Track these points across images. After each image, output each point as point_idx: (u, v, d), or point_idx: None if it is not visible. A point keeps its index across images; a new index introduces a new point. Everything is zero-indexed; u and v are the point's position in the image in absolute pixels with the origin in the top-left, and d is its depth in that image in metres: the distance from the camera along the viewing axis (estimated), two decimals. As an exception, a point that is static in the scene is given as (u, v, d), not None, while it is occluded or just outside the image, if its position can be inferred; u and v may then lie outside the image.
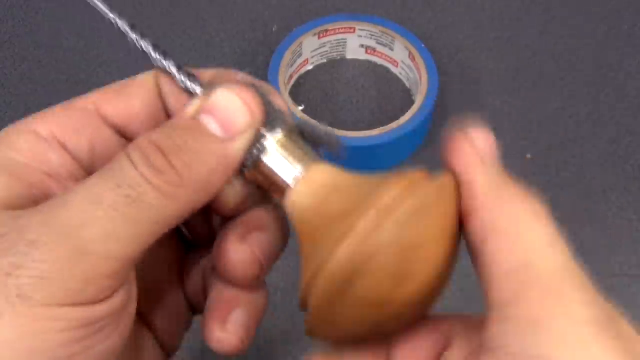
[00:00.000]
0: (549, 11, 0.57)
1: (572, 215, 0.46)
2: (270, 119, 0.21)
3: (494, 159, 0.20)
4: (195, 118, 0.21)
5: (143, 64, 0.57)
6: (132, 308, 0.21)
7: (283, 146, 0.21)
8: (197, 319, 0.28)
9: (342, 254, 0.18)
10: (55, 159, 0.21)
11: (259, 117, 0.21)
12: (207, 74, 0.23)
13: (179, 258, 0.26)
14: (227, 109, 0.21)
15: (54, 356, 0.18)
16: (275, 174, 0.21)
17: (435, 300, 0.21)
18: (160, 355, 0.26)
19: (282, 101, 0.23)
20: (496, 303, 0.18)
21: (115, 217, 0.19)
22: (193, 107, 0.21)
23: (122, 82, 0.23)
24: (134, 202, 0.19)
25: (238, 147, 0.20)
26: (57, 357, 0.18)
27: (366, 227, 0.18)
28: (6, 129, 0.21)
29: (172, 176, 0.19)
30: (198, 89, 0.22)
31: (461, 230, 0.20)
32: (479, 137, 0.20)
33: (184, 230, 0.26)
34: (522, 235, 0.18)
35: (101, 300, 0.19)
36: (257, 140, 0.21)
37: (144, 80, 0.23)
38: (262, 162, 0.21)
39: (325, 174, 0.21)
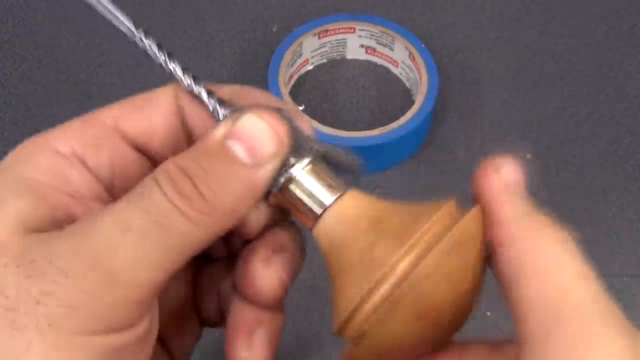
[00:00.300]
0: (549, 11, 0.57)
1: (572, 215, 0.46)
2: (297, 144, 0.21)
3: (521, 191, 0.20)
4: (222, 143, 0.20)
5: (143, 64, 0.57)
6: (155, 332, 0.21)
7: (311, 173, 0.21)
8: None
9: (384, 291, 0.19)
10: (77, 178, 0.21)
11: (287, 145, 0.21)
12: (226, 89, 0.23)
13: (193, 273, 0.26)
14: (255, 135, 0.20)
15: None
16: (304, 202, 0.21)
17: (462, 324, 0.21)
18: None
19: (308, 123, 0.23)
20: (529, 336, 0.18)
21: (144, 244, 0.19)
22: (220, 131, 0.21)
23: (141, 96, 0.23)
24: (163, 229, 0.19)
25: (264, 174, 0.20)
26: None
27: (405, 266, 0.19)
28: (25, 144, 0.22)
29: (200, 203, 0.19)
30: (223, 111, 0.22)
31: (489, 258, 0.20)
32: (506, 168, 0.21)
33: None
34: (552, 268, 0.19)
35: (130, 327, 0.19)
36: (284, 167, 0.21)
37: (163, 96, 0.23)
38: (289, 189, 0.21)
39: (354, 201, 0.21)
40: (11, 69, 0.53)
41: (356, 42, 0.52)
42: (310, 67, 0.53)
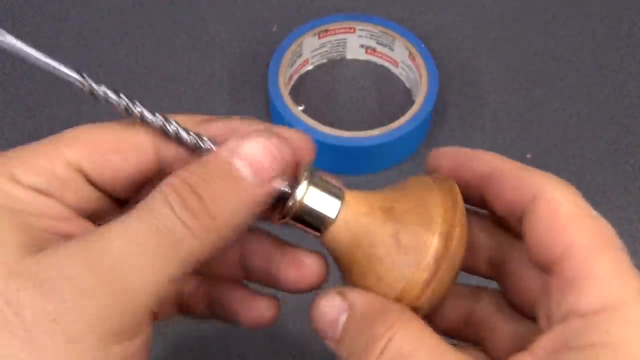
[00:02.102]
0: (549, 11, 0.57)
1: (572, 215, 0.46)
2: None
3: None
4: (228, 161, 0.21)
5: (143, 64, 0.57)
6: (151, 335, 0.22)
7: (314, 187, 0.23)
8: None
9: (432, 269, 0.22)
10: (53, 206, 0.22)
11: (290, 166, 0.22)
12: (219, 125, 0.24)
13: None
14: (261, 156, 0.22)
15: None
16: (315, 214, 0.23)
17: None
18: None
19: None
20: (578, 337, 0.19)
21: (155, 260, 0.20)
22: (226, 150, 0.22)
23: (115, 135, 0.24)
24: (172, 245, 0.20)
25: (266, 192, 0.22)
26: None
27: (439, 247, 0.22)
28: None
29: (206, 220, 0.20)
30: (206, 144, 0.23)
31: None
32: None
33: None
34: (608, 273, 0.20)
35: (139, 333, 0.20)
36: (287, 190, 0.23)
37: (139, 137, 0.24)
38: (299, 208, 0.23)
39: (359, 198, 0.23)
40: (11, 69, 0.53)
41: (356, 42, 0.52)
42: (310, 67, 0.53)
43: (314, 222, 0.23)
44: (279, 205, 0.23)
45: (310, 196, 0.23)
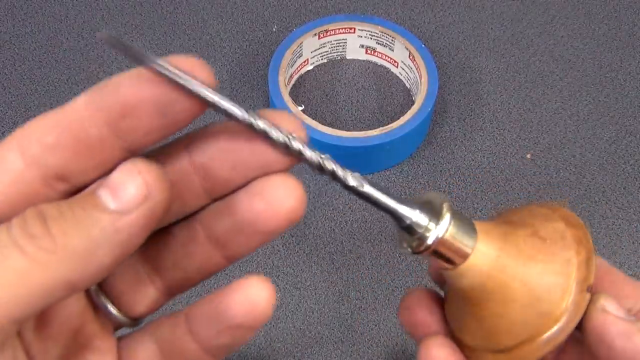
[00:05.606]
0: (549, 11, 0.57)
1: (572, 215, 0.46)
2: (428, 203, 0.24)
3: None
4: (92, 192, 0.19)
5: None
6: None
7: (453, 222, 0.24)
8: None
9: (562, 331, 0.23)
10: None
11: (157, 190, 0.19)
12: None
13: None
14: (122, 180, 0.19)
15: None
16: (456, 248, 0.24)
17: None
18: None
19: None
20: None
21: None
22: (95, 183, 0.20)
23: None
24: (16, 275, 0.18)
25: (130, 220, 0.19)
26: None
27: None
28: None
29: (45, 242, 0.18)
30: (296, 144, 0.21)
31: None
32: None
33: None
34: None
35: None
36: (426, 229, 0.23)
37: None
38: (443, 244, 0.23)
39: (486, 227, 0.24)
40: (11, 69, 0.53)
41: (356, 42, 0.52)
42: (310, 67, 0.53)
43: (450, 255, 0.24)
44: (411, 236, 0.23)
45: (453, 231, 0.23)
